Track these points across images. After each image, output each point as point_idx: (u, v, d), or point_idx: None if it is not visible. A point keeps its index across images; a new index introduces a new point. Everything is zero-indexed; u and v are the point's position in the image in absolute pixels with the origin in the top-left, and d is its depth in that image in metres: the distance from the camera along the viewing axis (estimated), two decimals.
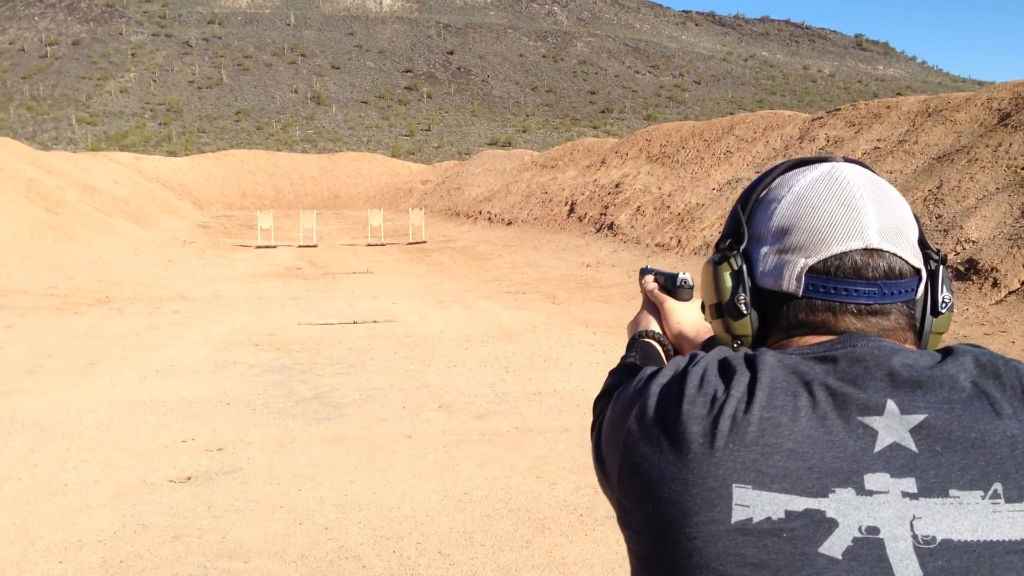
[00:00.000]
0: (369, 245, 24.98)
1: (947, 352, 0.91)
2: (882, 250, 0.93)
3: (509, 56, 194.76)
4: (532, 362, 8.56)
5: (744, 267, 1.01)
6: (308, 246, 24.26)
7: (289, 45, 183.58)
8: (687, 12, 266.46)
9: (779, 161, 18.82)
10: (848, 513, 0.81)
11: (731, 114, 30.74)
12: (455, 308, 12.27)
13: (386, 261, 20.27)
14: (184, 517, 4.63)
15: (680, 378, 0.92)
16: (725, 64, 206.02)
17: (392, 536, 4.40)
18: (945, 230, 11.65)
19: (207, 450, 5.79)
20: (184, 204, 41.65)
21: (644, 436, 0.91)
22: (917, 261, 0.96)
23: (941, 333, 1.01)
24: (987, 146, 13.77)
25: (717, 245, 1.06)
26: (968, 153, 13.86)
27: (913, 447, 0.83)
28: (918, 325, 0.98)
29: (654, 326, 1.39)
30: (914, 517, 0.81)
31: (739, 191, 18.08)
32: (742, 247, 1.02)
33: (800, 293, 0.95)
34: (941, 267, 1.00)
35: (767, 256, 0.99)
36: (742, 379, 0.89)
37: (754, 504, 0.82)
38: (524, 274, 16.84)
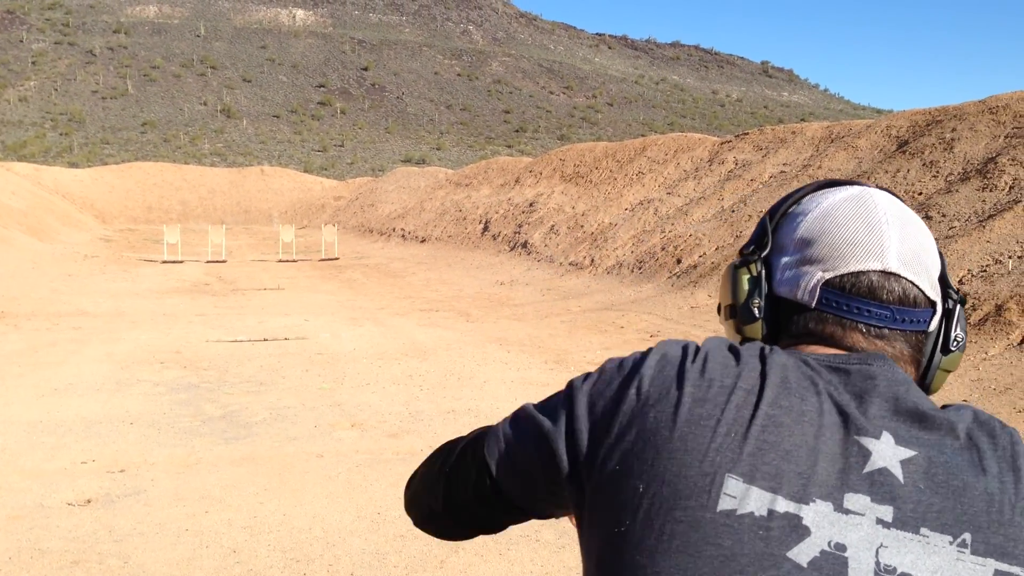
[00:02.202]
0: (280, 261, 24.57)
1: (948, 405, 0.93)
2: (899, 275, 0.95)
3: (424, 74, 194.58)
4: (446, 380, 8.52)
5: (763, 273, 1.03)
6: (217, 261, 23.74)
7: (198, 57, 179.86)
8: (600, 35, 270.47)
9: (689, 183, 19.18)
10: (822, 525, 0.82)
11: (643, 135, 31.19)
12: (368, 325, 12.14)
13: (298, 277, 19.97)
14: (84, 542, 4.45)
15: (684, 359, 0.93)
16: (637, 87, 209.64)
17: (303, 559, 4.30)
18: None
19: (108, 471, 5.59)
20: (86, 217, 40.32)
21: (641, 412, 0.90)
22: (934, 294, 0.98)
23: (949, 371, 1.03)
24: (886, 172, 14.30)
25: (741, 251, 1.08)
26: (869, 178, 14.36)
27: (900, 477, 0.85)
28: (924, 361, 1.00)
29: None
30: (881, 545, 0.82)
31: (651, 211, 18.41)
32: (764, 254, 1.04)
33: (813, 304, 0.97)
34: (959, 306, 1.02)
35: (787, 266, 1.01)
36: (752, 372, 0.90)
37: (742, 496, 0.83)
38: (438, 292, 16.79)
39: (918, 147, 14.47)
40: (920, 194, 13.07)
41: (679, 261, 15.57)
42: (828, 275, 0.95)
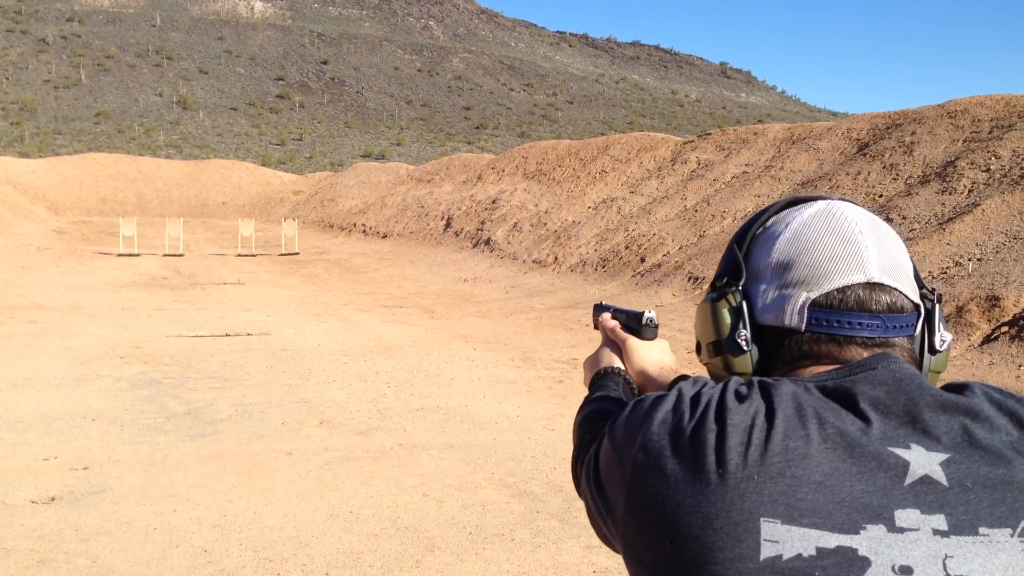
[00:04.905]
0: (239, 255, 24.27)
1: (958, 387, 0.90)
2: (883, 284, 0.92)
3: (384, 68, 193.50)
4: (413, 377, 8.47)
5: (744, 303, 0.99)
6: (174, 255, 23.39)
7: (154, 47, 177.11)
8: (561, 33, 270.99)
9: (652, 182, 19.25)
10: (881, 551, 0.78)
11: (603, 134, 31.29)
12: (332, 321, 12.04)
13: (258, 272, 19.74)
14: (49, 540, 4.34)
15: (691, 404, 0.88)
16: (597, 85, 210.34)
17: (276, 558, 4.24)
18: None
19: (71, 469, 5.47)
20: (38, 208, 39.55)
21: (655, 466, 0.86)
22: (916, 297, 0.96)
23: (939, 372, 1.01)
24: (847, 174, 14.48)
25: (713, 283, 1.04)
26: (830, 180, 14.53)
27: (944, 481, 0.81)
28: (919, 360, 0.98)
29: (618, 363, 1.33)
30: (946, 556, 0.79)
31: (615, 210, 18.47)
32: (740, 284, 1.00)
33: (803, 327, 0.93)
34: (937, 305, 1.00)
35: (766, 292, 0.97)
36: (760, 407, 0.86)
37: (784, 540, 0.79)
38: (401, 288, 16.69)
39: (878, 150, 14.67)
40: (881, 196, 13.26)
41: (643, 260, 15.64)
42: (813, 295, 0.92)
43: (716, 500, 0.81)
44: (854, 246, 0.93)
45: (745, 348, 0.98)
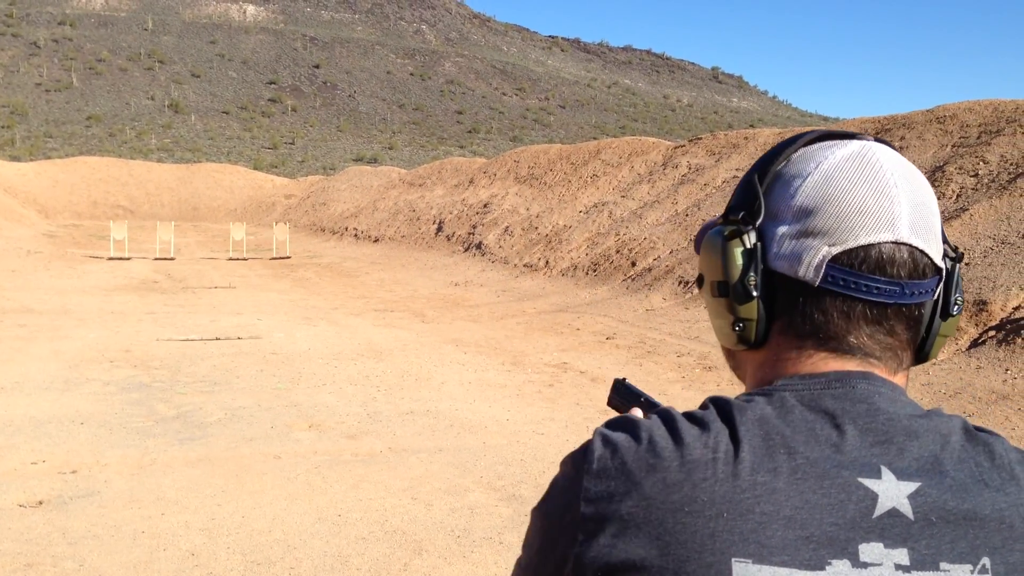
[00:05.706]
0: (231, 259, 24.23)
1: (934, 415, 0.88)
2: (911, 245, 0.87)
3: (376, 72, 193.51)
4: (403, 381, 8.47)
5: (759, 246, 0.91)
6: (165, 259, 23.34)
7: (146, 50, 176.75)
8: (553, 37, 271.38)
9: (643, 186, 19.20)
10: None
11: (595, 138, 31.36)
12: (322, 325, 12.03)
13: (249, 276, 19.72)
14: (37, 544, 4.34)
15: (631, 436, 0.83)
16: (589, 90, 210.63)
17: (264, 561, 4.24)
18: None
19: (60, 472, 5.46)
20: (28, 212, 39.39)
21: (611, 515, 0.81)
22: (939, 259, 0.90)
23: (947, 336, 0.95)
24: None
25: (726, 215, 0.95)
26: None
27: (910, 514, 0.80)
28: (923, 330, 0.93)
29: None
30: None
31: (606, 214, 18.50)
32: (757, 223, 0.92)
33: (817, 283, 0.87)
34: (957, 265, 0.94)
35: (784, 237, 0.90)
36: (721, 437, 0.82)
37: None
38: (392, 292, 16.69)
39: None
40: None
41: (634, 264, 15.66)
42: (835, 250, 0.86)
43: (686, 541, 0.78)
44: (887, 200, 0.86)
45: (754, 295, 0.91)
